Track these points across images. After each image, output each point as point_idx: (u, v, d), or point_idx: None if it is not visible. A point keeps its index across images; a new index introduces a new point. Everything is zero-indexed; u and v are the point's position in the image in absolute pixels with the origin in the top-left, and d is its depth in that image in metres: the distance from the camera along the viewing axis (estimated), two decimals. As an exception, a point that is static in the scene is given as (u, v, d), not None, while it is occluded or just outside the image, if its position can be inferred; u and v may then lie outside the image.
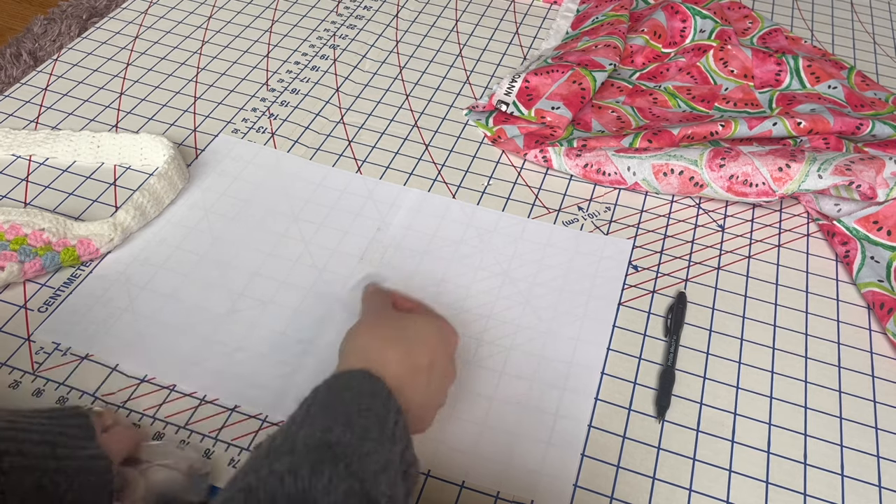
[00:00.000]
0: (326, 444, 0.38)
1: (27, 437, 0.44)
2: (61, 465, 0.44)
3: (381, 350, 0.47)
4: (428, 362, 0.48)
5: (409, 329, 0.49)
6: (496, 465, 0.57)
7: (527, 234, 0.74)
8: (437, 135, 0.85)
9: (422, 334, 0.49)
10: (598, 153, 0.79)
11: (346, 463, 0.37)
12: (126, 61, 0.92)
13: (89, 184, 0.76)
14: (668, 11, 0.97)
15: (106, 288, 0.67)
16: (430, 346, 0.49)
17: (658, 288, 0.70)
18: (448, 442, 0.58)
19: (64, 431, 0.46)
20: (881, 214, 0.72)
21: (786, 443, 0.60)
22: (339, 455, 0.37)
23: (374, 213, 0.75)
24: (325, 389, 0.44)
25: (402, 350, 0.47)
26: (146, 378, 0.61)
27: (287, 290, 0.68)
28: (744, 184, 0.74)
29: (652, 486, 0.57)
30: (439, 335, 0.51)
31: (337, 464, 0.36)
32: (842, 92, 0.88)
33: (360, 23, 1.01)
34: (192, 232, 0.72)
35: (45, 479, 0.44)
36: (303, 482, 0.35)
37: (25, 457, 0.43)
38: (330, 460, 0.37)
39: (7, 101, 0.85)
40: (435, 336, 0.50)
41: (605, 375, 0.63)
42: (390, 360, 0.46)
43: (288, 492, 0.35)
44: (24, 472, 0.43)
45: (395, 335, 0.48)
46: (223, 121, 0.84)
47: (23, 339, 0.63)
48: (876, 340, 0.68)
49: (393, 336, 0.48)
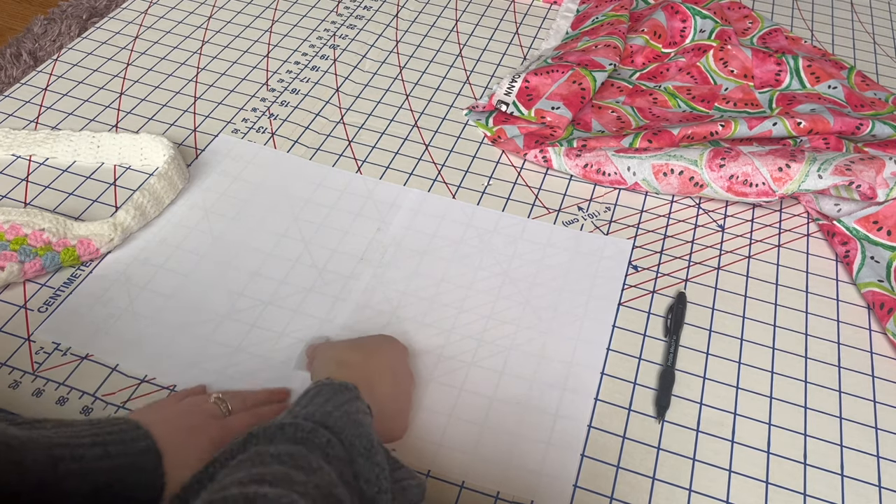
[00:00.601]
0: (323, 422, 0.42)
1: (79, 441, 0.45)
2: (114, 463, 0.45)
3: (345, 359, 0.55)
4: (389, 365, 0.56)
5: (365, 342, 0.59)
6: (496, 465, 0.57)
7: (527, 235, 0.74)
8: (437, 135, 0.85)
9: (375, 343, 0.59)
10: (598, 153, 0.79)
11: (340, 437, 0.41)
12: (126, 61, 0.92)
13: (89, 184, 0.76)
14: (668, 11, 0.97)
15: (106, 288, 0.67)
16: (386, 352, 0.58)
17: (658, 288, 0.70)
18: (448, 442, 0.58)
19: (112, 431, 0.47)
20: (881, 214, 0.72)
21: (786, 443, 0.60)
22: (332, 428, 0.42)
23: (374, 213, 0.75)
24: (314, 393, 0.47)
25: (362, 356, 0.55)
26: (146, 378, 0.61)
27: (287, 290, 0.68)
28: (744, 184, 0.74)
29: (652, 487, 0.57)
30: (390, 343, 0.59)
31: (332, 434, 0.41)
32: (842, 92, 0.88)
33: (360, 23, 1.01)
34: (193, 232, 0.72)
35: (101, 480, 0.44)
36: (303, 432, 0.39)
37: (79, 461, 0.44)
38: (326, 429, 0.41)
39: (7, 101, 0.85)
40: (387, 344, 0.59)
41: (604, 376, 0.63)
42: (353, 364, 0.54)
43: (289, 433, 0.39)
44: (79, 477, 0.43)
45: (354, 346, 0.58)
46: (223, 121, 0.84)
47: (23, 339, 0.63)
48: (876, 340, 0.68)
49: (352, 347, 0.57)
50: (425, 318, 0.66)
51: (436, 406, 0.60)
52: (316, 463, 0.36)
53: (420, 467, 0.57)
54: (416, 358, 0.63)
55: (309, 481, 0.34)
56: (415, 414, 0.59)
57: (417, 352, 0.64)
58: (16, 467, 0.41)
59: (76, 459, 0.43)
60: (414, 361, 0.63)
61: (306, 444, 0.38)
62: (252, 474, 0.33)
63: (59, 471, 0.43)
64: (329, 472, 0.36)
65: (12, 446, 0.42)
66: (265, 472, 0.34)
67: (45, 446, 0.43)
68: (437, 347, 0.64)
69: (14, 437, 0.42)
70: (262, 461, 0.35)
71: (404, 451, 0.57)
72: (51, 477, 0.42)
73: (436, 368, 0.63)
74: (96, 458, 0.44)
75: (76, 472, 0.43)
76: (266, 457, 0.36)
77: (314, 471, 0.35)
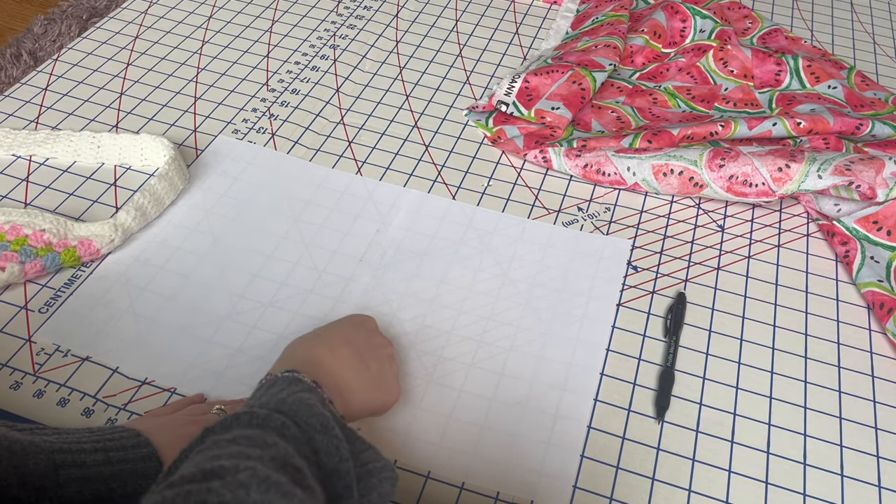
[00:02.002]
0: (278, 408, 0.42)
1: (80, 447, 0.45)
2: (116, 469, 0.45)
3: (313, 357, 0.53)
4: (354, 351, 0.54)
5: (323, 331, 0.57)
6: (496, 466, 0.57)
7: (526, 235, 0.74)
8: (436, 135, 0.85)
9: (332, 328, 0.57)
10: (598, 153, 0.79)
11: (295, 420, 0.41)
12: (126, 61, 0.92)
13: (90, 184, 0.76)
14: (668, 11, 0.97)
15: (106, 289, 0.67)
16: (343, 332, 0.56)
17: (658, 288, 0.71)
18: (448, 443, 0.58)
19: (112, 438, 0.47)
20: (881, 214, 0.72)
21: (785, 443, 0.60)
22: (286, 413, 0.41)
23: (374, 214, 0.75)
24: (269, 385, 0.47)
25: (326, 347, 0.54)
26: (147, 380, 0.61)
27: (287, 291, 0.68)
28: (743, 184, 0.74)
29: (651, 487, 0.57)
30: (349, 321, 0.58)
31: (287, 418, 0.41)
32: (842, 92, 0.88)
33: (360, 23, 1.01)
34: (193, 233, 0.72)
35: (102, 486, 0.44)
36: (258, 419, 0.39)
37: (81, 467, 0.44)
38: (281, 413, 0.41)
39: (7, 101, 0.85)
40: (344, 324, 0.57)
41: (604, 376, 0.63)
42: (320, 360, 0.53)
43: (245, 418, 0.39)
44: (80, 482, 0.43)
45: (318, 341, 0.56)
46: (223, 121, 0.85)
47: (24, 339, 0.63)
48: (876, 340, 0.68)
49: (316, 342, 0.55)
50: (425, 320, 0.66)
51: (436, 407, 0.60)
52: (271, 440, 0.36)
53: (420, 468, 0.57)
54: (416, 359, 0.63)
55: (264, 455, 0.34)
56: (414, 414, 0.60)
57: (417, 354, 0.64)
58: (17, 471, 0.41)
59: (78, 465, 0.43)
60: (414, 362, 0.63)
61: (262, 427, 0.38)
62: (208, 456, 0.34)
63: (61, 476, 0.43)
64: (285, 446, 0.36)
65: (14, 451, 0.42)
66: (220, 454, 0.34)
67: (46, 451, 0.43)
68: (437, 349, 0.64)
69: (16, 441, 0.42)
70: (218, 446, 0.35)
71: (404, 452, 0.57)
72: (52, 482, 0.42)
73: (436, 370, 0.63)
74: (98, 463, 0.44)
75: (77, 477, 0.43)
76: (222, 442, 0.36)
77: (269, 446, 0.35)
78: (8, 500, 0.40)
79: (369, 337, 0.57)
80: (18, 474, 0.41)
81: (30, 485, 0.41)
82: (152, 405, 0.59)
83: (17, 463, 0.41)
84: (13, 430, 0.44)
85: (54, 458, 0.43)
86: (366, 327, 0.58)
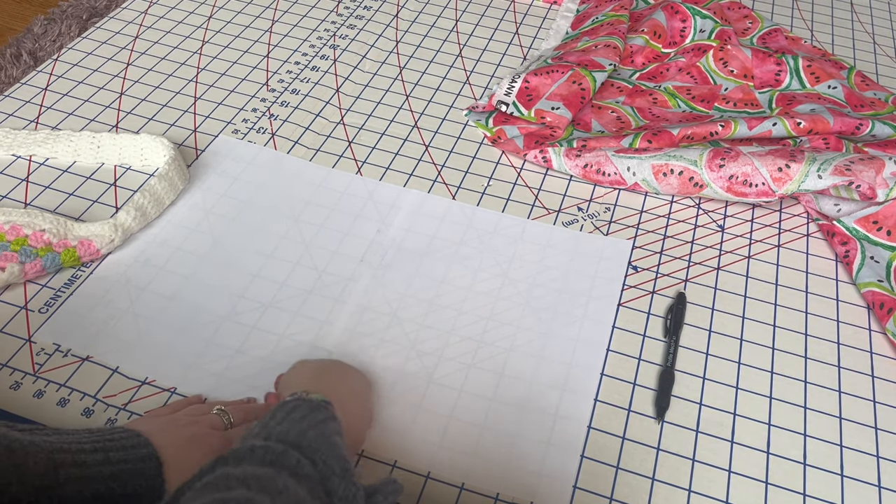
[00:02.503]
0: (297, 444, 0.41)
1: (80, 447, 0.45)
2: (115, 469, 0.45)
3: (321, 376, 0.56)
4: (355, 392, 0.57)
5: (336, 366, 0.59)
6: (496, 466, 0.57)
7: (527, 235, 0.74)
8: (436, 135, 0.85)
9: (344, 368, 0.59)
10: (598, 153, 0.79)
11: (312, 459, 0.40)
12: (126, 61, 0.92)
13: (90, 184, 0.76)
14: (668, 11, 0.97)
15: (107, 289, 0.67)
16: (354, 380, 0.58)
17: (658, 288, 0.71)
18: (448, 444, 0.58)
19: (112, 438, 0.47)
20: (881, 214, 0.72)
21: (785, 443, 0.60)
22: (305, 449, 0.41)
23: (375, 214, 0.75)
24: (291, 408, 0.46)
25: (336, 376, 0.56)
26: (147, 380, 0.61)
27: (287, 292, 0.68)
28: (743, 184, 0.74)
29: (651, 487, 0.57)
30: (358, 375, 0.60)
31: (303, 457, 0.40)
32: (842, 92, 0.88)
33: (360, 23, 1.01)
34: (193, 233, 0.72)
35: (102, 486, 0.44)
36: (273, 455, 0.38)
37: (81, 467, 0.44)
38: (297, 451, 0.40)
39: (7, 101, 0.85)
40: (354, 374, 0.60)
41: (604, 376, 0.63)
42: (327, 381, 0.55)
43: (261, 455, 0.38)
44: (80, 482, 0.43)
45: (327, 367, 0.58)
46: (223, 121, 0.85)
47: (24, 340, 0.63)
48: (876, 340, 0.68)
49: (325, 367, 0.58)
50: (425, 320, 0.66)
51: (436, 407, 0.60)
52: (282, 484, 0.35)
53: (420, 469, 0.57)
54: (417, 359, 0.63)
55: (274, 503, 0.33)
56: (415, 415, 0.60)
57: (417, 353, 0.64)
58: (16, 470, 0.41)
59: (77, 465, 0.43)
60: (414, 363, 0.63)
61: (274, 466, 0.37)
62: (214, 499, 0.33)
63: (60, 475, 0.43)
64: (297, 491, 0.36)
65: (14, 450, 0.42)
66: (228, 498, 0.33)
67: (46, 450, 0.43)
68: (437, 349, 0.64)
69: (16, 440, 0.42)
70: (227, 485, 0.34)
71: (404, 453, 0.57)
72: (52, 481, 0.42)
73: (436, 370, 0.63)
74: (97, 463, 0.44)
75: (77, 477, 0.43)
76: (231, 480, 0.35)
77: (280, 493, 0.34)
78: (7, 498, 0.40)
79: (367, 402, 0.59)
80: (18, 473, 0.41)
81: (29, 483, 0.41)
82: (152, 405, 0.59)
83: (16, 461, 0.41)
84: (13, 430, 0.44)
85: (54, 457, 0.43)
86: (368, 392, 0.60)
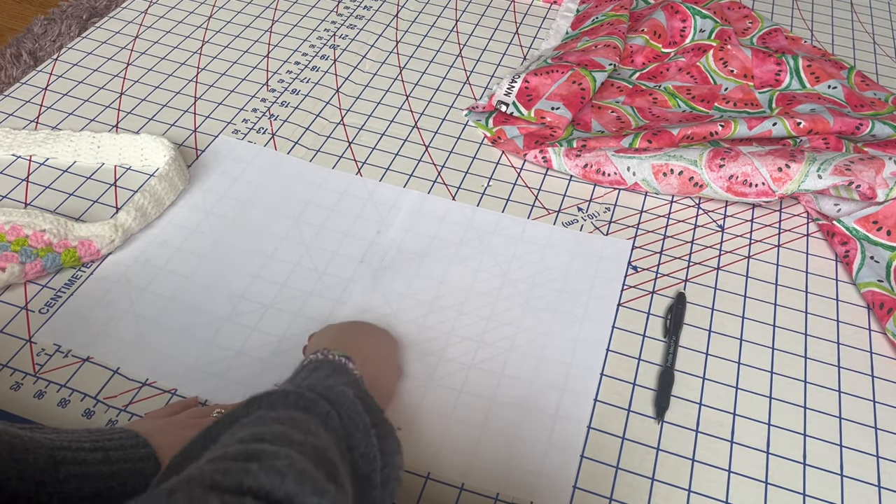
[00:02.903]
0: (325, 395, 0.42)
1: (80, 445, 0.45)
2: (115, 468, 0.45)
3: (344, 336, 0.58)
4: (379, 352, 0.59)
5: (365, 326, 0.62)
6: (496, 466, 0.57)
7: (526, 236, 0.74)
8: (436, 136, 0.85)
9: (373, 329, 0.62)
10: (598, 153, 0.79)
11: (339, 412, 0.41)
12: (126, 61, 0.92)
13: (90, 184, 0.76)
14: (668, 11, 0.97)
15: (107, 290, 0.67)
16: (381, 340, 0.61)
17: (657, 288, 0.71)
18: (448, 444, 0.58)
19: (111, 438, 0.47)
20: (881, 214, 0.72)
21: (785, 443, 0.60)
22: (332, 402, 0.41)
23: (375, 214, 0.75)
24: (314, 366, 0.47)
25: (361, 335, 0.59)
26: (147, 382, 0.61)
27: (288, 293, 0.68)
28: (743, 184, 0.74)
29: (651, 487, 0.57)
30: (386, 334, 0.62)
31: None
32: (842, 92, 0.88)
33: (360, 23, 1.01)
34: (193, 234, 0.72)
35: (101, 484, 0.44)
36: (305, 401, 0.39)
37: (81, 464, 0.44)
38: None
39: (7, 101, 0.85)
40: (382, 334, 0.62)
41: (604, 376, 0.63)
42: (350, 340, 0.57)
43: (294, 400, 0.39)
44: (80, 480, 0.44)
45: (355, 326, 0.61)
46: (223, 121, 0.85)
47: (24, 340, 0.63)
48: (876, 340, 0.68)
49: (353, 326, 0.61)
50: (425, 321, 0.66)
51: (436, 408, 0.60)
52: (315, 428, 0.36)
53: (420, 469, 0.57)
54: (417, 361, 0.63)
55: (307, 441, 0.34)
56: (415, 415, 0.60)
57: (418, 354, 0.64)
58: (17, 465, 0.41)
59: (77, 462, 0.44)
60: (414, 364, 0.63)
61: (308, 411, 0.38)
62: (252, 433, 0.34)
63: (60, 472, 0.43)
64: (326, 438, 0.37)
65: (14, 445, 0.42)
66: (265, 431, 0.34)
67: (46, 447, 0.43)
68: (437, 350, 0.64)
69: (16, 436, 0.43)
70: (264, 422, 0.36)
71: (405, 453, 0.57)
72: (51, 478, 0.43)
73: (436, 370, 0.63)
74: (97, 462, 0.44)
75: (77, 474, 0.43)
76: (267, 419, 0.36)
77: (313, 433, 0.36)
78: (7, 494, 0.40)
79: (393, 359, 0.62)
80: (18, 468, 0.41)
81: (29, 479, 0.41)
82: (153, 406, 0.59)
83: (17, 457, 0.41)
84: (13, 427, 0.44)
85: (54, 454, 0.43)
86: (395, 350, 0.63)
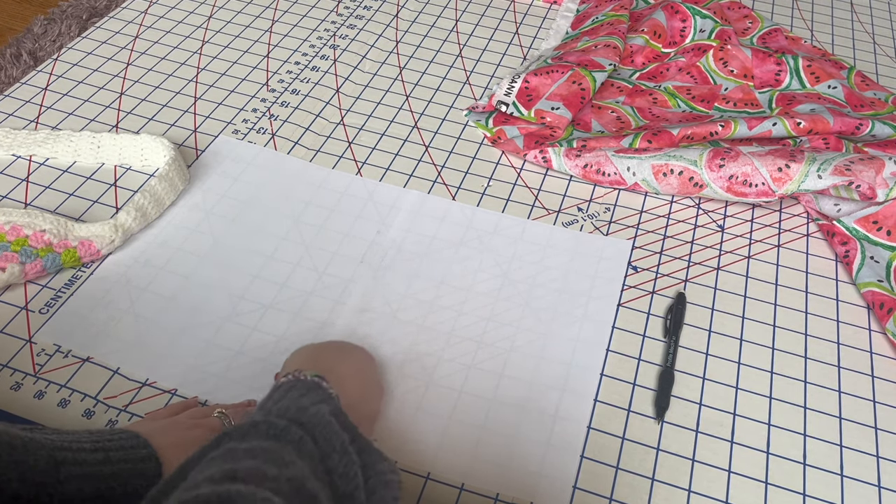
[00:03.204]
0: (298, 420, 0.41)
1: (80, 446, 0.45)
2: (116, 469, 0.45)
3: (318, 357, 0.56)
4: (358, 370, 0.57)
5: (337, 345, 0.60)
6: (496, 466, 0.57)
7: (526, 236, 0.74)
8: (436, 136, 0.85)
9: (346, 347, 0.59)
10: (598, 153, 0.79)
11: (312, 436, 0.40)
12: (126, 61, 0.92)
13: (90, 184, 0.76)
14: (668, 11, 0.97)
15: (107, 290, 0.67)
16: (357, 358, 0.59)
17: (657, 289, 0.71)
18: (448, 444, 0.58)
19: (112, 438, 0.47)
20: (881, 214, 0.72)
21: (785, 443, 0.60)
22: (305, 425, 0.41)
23: (375, 215, 0.75)
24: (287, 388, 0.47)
25: (335, 356, 0.57)
26: (147, 382, 0.61)
27: (288, 293, 0.68)
28: (743, 184, 0.74)
29: (651, 488, 0.57)
30: (360, 351, 0.60)
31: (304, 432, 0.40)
32: (842, 92, 0.88)
33: (360, 23, 1.01)
34: (193, 234, 0.72)
35: (102, 485, 0.44)
36: (276, 430, 0.39)
37: (81, 465, 0.44)
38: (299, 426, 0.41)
39: (7, 101, 0.85)
40: (358, 351, 0.60)
41: (604, 377, 0.64)
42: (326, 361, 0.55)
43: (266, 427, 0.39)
44: (81, 481, 0.44)
45: (327, 346, 0.59)
46: (223, 121, 0.85)
47: (24, 340, 0.63)
48: (876, 340, 0.68)
49: (325, 347, 0.58)
50: (425, 321, 0.66)
51: (435, 408, 0.60)
52: (288, 457, 0.36)
53: (420, 469, 0.57)
54: (417, 360, 0.63)
55: (281, 475, 0.33)
56: (415, 415, 0.60)
57: (417, 355, 0.64)
58: (17, 467, 0.41)
59: (78, 463, 0.44)
60: (414, 363, 0.63)
61: (279, 440, 0.38)
62: (224, 470, 0.33)
63: (61, 473, 0.43)
64: (302, 466, 0.36)
65: (15, 446, 0.42)
66: (237, 469, 0.33)
67: (47, 448, 0.43)
68: (437, 350, 0.64)
69: (17, 437, 0.42)
70: (234, 457, 0.35)
71: (404, 454, 0.57)
72: (52, 478, 0.43)
73: (436, 371, 0.63)
74: (98, 462, 0.44)
75: (78, 475, 0.43)
76: (238, 452, 0.35)
77: (286, 464, 0.35)
78: (8, 495, 0.40)
79: (373, 376, 0.60)
80: (19, 469, 0.41)
81: (30, 480, 0.41)
82: (153, 406, 0.59)
83: (17, 458, 0.41)
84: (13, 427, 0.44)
85: (55, 455, 0.43)
86: (373, 367, 0.61)
